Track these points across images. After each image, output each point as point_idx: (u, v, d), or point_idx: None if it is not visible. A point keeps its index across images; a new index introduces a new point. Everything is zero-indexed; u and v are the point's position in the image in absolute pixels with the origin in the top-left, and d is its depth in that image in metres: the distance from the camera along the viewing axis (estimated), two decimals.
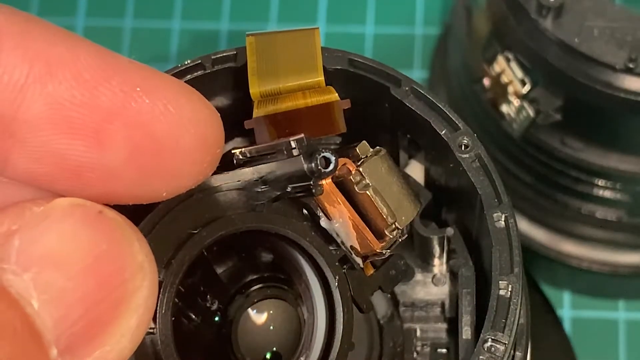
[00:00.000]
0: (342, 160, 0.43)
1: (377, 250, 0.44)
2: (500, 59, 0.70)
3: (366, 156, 0.44)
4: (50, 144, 0.34)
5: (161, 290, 0.41)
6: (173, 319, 0.41)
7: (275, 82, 0.44)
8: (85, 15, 0.92)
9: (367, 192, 0.43)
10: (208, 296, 0.47)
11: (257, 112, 0.44)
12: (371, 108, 0.47)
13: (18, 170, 0.35)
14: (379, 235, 0.44)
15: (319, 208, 0.44)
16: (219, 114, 0.37)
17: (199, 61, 0.46)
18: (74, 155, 0.34)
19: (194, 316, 0.46)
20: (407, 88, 0.46)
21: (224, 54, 0.47)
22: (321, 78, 0.45)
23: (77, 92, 0.34)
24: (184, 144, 0.36)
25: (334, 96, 0.44)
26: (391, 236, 0.44)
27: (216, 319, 0.48)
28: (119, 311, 0.34)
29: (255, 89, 0.44)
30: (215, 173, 0.41)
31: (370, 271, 0.46)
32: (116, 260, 0.34)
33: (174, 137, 0.35)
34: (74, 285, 0.33)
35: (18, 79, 0.33)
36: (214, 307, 0.47)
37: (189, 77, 0.46)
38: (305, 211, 0.44)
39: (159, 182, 0.36)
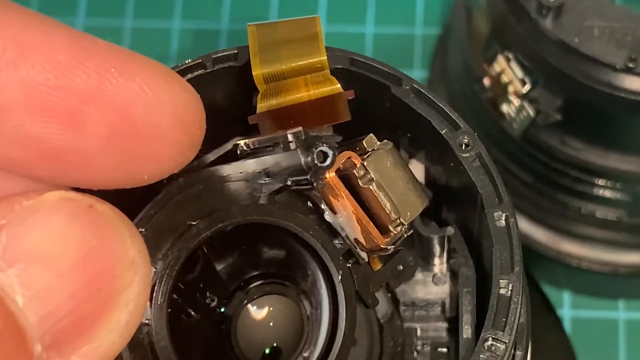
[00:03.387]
0: (347, 154, 0.42)
1: (382, 246, 0.43)
2: (500, 59, 0.70)
3: (372, 149, 0.44)
4: (25, 127, 0.33)
5: (157, 280, 0.41)
6: (169, 310, 0.41)
7: (277, 63, 0.44)
8: (85, 15, 0.92)
9: (370, 186, 0.43)
10: (207, 293, 0.47)
11: (260, 107, 0.44)
12: (372, 107, 0.47)
13: None
14: (384, 231, 0.43)
15: (323, 201, 0.43)
16: (198, 96, 0.37)
17: (200, 60, 0.46)
18: (50, 139, 0.34)
19: (193, 312, 0.46)
20: (407, 87, 0.46)
21: (225, 53, 0.47)
22: (324, 57, 0.44)
23: (51, 75, 0.33)
24: (162, 125, 0.35)
25: (337, 87, 0.44)
26: (395, 232, 0.43)
27: (215, 316, 0.48)
28: (108, 307, 0.33)
29: (257, 71, 0.44)
30: (218, 164, 0.40)
31: (378, 266, 0.45)
32: (106, 256, 0.34)
33: (151, 119, 0.35)
34: (62, 282, 0.33)
35: None
36: (214, 304, 0.47)
37: (189, 76, 0.46)
38: (310, 204, 0.44)
39: (138, 165, 0.36)
